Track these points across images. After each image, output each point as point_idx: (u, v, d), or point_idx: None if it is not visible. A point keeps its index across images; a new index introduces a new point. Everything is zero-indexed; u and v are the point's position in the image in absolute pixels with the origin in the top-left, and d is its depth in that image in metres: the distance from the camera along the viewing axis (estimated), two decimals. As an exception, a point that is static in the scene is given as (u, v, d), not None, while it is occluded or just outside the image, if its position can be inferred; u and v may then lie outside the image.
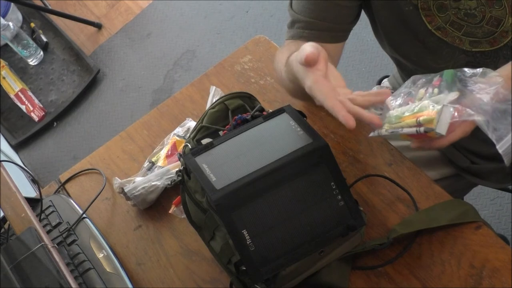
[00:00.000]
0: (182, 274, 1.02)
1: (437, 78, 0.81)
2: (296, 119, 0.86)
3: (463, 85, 0.78)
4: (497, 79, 0.77)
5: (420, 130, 0.77)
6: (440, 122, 0.75)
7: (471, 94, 0.76)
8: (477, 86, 0.77)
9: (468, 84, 0.78)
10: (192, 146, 0.93)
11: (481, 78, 0.78)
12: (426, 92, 0.81)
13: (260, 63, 1.23)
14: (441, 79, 0.80)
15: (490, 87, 0.76)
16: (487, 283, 0.83)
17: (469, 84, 0.78)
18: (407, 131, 0.78)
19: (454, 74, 0.80)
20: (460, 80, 0.79)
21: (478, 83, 0.77)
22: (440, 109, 0.76)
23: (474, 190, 1.34)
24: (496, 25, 0.93)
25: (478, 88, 0.77)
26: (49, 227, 1.11)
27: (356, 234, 0.87)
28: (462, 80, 0.79)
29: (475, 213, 0.90)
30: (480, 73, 0.78)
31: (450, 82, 0.79)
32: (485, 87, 0.76)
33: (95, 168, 1.22)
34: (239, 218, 0.79)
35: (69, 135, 2.66)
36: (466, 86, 0.78)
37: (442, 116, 0.76)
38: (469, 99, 0.76)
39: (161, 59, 2.72)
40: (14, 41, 2.77)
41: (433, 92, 0.80)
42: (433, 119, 0.75)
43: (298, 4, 1.03)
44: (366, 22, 1.08)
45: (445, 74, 0.80)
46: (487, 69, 0.78)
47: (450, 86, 0.79)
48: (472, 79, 0.78)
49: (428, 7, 0.94)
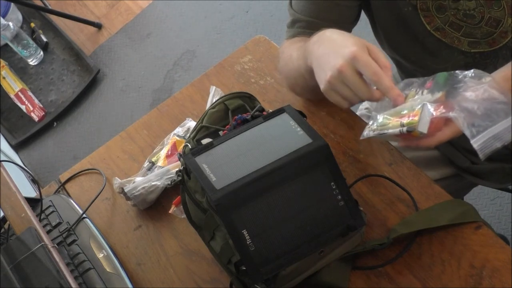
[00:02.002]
0: (182, 274, 1.02)
1: (429, 80, 0.81)
2: (296, 119, 0.86)
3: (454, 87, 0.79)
4: (485, 79, 0.77)
5: (403, 130, 0.78)
6: (420, 121, 0.77)
7: (458, 93, 0.77)
8: (465, 86, 0.78)
9: (458, 85, 0.78)
10: (192, 146, 0.93)
11: (471, 79, 0.78)
12: (417, 93, 0.82)
13: (260, 63, 1.23)
14: (432, 82, 0.81)
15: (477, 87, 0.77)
16: (487, 283, 0.83)
17: (459, 85, 0.78)
18: (392, 132, 0.80)
19: (446, 77, 0.80)
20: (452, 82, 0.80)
21: (467, 83, 0.78)
22: (420, 108, 0.77)
23: (474, 190, 1.34)
24: (495, 25, 0.93)
25: (466, 88, 0.77)
26: (49, 227, 1.11)
27: (356, 234, 0.87)
28: (455, 82, 0.79)
29: (475, 213, 0.90)
30: (471, 74, 0.79)
31: (441, 84, 0.80)
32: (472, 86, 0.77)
33: (95, 168, 1.22)
34: (239, 218, 0.79)
35: (69, 135, 2.66)
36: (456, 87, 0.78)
37: (422, 114, 0.77)
38: (454, 99, 0.77)
39: (161, 59, 2.72)
40: (14, 41, 2.77)
41: (423, 94, 0.81)
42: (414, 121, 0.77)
43: (298, 4, 1.03)
44: (366, 22, 1.08)
45: (438, 76, 0.81)
46: (477, 70, 0.79)
47: (441, 87, 0.80)
48: (464, 80, 0.79)
49: (427, 7, 0.94)
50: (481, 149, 0.75)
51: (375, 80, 0.80)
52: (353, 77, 0.81)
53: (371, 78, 0.81)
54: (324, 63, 0.85)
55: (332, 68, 0.82)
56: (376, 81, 0.80)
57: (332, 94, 0.85)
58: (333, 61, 0.83)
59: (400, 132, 0.79)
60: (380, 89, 0.81)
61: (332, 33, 0.89)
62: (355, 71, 0.81)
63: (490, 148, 0.75)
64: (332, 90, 0.85)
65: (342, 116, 1.08)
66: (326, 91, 0.85)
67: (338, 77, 0.82)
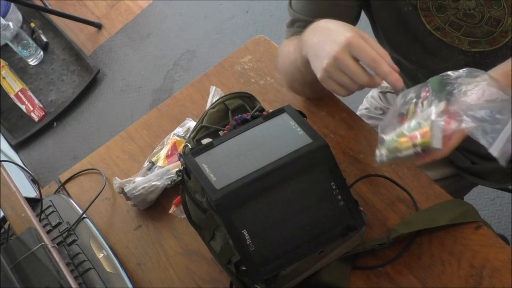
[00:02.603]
0: (182, 274, 1.02)
1: (424, 88, 0.80)
2: (296, 119, 0.86)
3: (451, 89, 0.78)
4: (482, 77, 0.77)
5: (418, 150, 0.77)
6: (433, 138, 0.76)
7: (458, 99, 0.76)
8: (463, 88, 0.77)
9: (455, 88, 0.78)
10: (192, 146, 0.93)
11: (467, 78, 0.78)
12: (417, 107, 0.80)
13: (260, 63, 1.23)
14: (427, 89, 0.80)
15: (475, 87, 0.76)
16: (487, 283, 0.83)
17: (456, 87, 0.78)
18: (407, 153, 0.78)
19: (440, 81, 0.80)
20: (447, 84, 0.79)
21: (464, 85, 0.77)
22: (430, 125, 0.76)
23: (474, 190, 1.34)
24: (495, 25, 0.93)
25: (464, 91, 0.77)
26: (49, 227, 1.11)
27: (356, 234, 0.87)
28: (449, 84, 0.79)
29: (475, 213, 0.90)
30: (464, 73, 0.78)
31: (437, 90, 0.79)
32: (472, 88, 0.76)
33: (95, 168, 1.22)
34: (239, 218, 0.79)
35: (69, 135, 2.66)
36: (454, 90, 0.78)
37: (434, 131, 0.76)
38: (457, 106, 0.76)
39: (161, 59, 2.72)
40: (14, 41, 2.77)
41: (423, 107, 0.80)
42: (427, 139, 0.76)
43: (298, 4, 1.03)
44: (366, 22, 1.08)
45: (431, 82, 0.80)
46: (471, 69, 0.78)
47: (439, 94, 0.79)
48: (458, 81, 0.78)
49: (427, 7, 0.94)
50: (501, 156, 0.73)
51: (373, 65, 0.79)
52: (349, 63, 0.80)
53: (368, 63, 0.80)
54: (320, 51, 0.84)
55: (328, 55, 0.81)
56: (374, 66, 0.79)
57: (329, 82, 0.84)
58: (328, 48, 0.82)
59: (415, 153, 0.78)
60: (379, 74, 0.80)
61: (327, 22, 0.88)
62: (351, 57, 0.80)
63: (508, 152, 0.73)
64: (329, 78, 0.84)
65: (342, 116, 1.08)
66: (323, 79, 0.84)
67: (334, 64, 0.81)
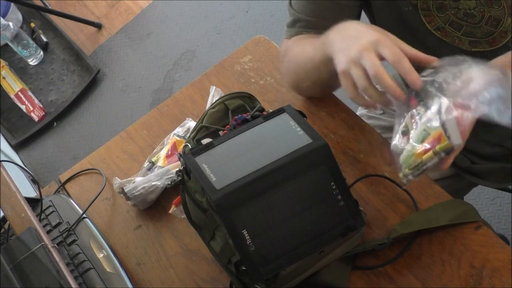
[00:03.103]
0: (182, 274, 1.02)
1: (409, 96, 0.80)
2: (296, 119, 0.86)
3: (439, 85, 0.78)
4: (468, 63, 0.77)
5: (441, 155, 0.77)
6: (451, 136, 0.75)
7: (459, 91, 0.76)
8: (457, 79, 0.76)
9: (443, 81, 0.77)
10: (192, 146, 0.93)
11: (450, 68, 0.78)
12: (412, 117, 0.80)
13: (260, 63, 1.23)
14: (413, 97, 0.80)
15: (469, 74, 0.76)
16: (487, 283, 0.83)
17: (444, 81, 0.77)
18: (432, 164, 0.78)
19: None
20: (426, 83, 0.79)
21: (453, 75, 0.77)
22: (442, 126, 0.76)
23: (474, 190, 1.34)
24: (495, 25, 0.93)
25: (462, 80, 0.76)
26: (49, 227, 1.11)
27: (356, 234, 0.87)
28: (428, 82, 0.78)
29: (475, 213, 0.90)
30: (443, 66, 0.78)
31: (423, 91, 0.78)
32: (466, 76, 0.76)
33: (95, 168, 1.22)
34: (239, 218, 0.79)
35: (69, 135, 2.66)
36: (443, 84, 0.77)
37: (449, 130, 0.75)
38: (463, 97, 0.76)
39: (161, 59, 2.72)
40: (14, 41, 2.77)
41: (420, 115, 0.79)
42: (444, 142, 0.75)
43: (299, 4, 1.03)
44: (366, 22, 1.08)
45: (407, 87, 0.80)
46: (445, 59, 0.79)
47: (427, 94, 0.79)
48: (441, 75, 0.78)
49: (427, 7, 0.94)
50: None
51: (396, 61, 0.80)
52: (373, 59, 0.80)
53: (392, 58, 0.80)
54: (347, 45, 0.85)
55: (355, 49, 0.82)
56: (397, 62, 0.80)
57: (346, 78, 0.84)
58: (356, 42, 0.83)
59: (439, 159, 0.77)
60: (400, 71, 0.80)
61: (356, 23, 0.90)
62: (376, 54, 0.81)
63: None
64: (348, 74, 0.83)
65: (342, 116, 1.08)
66: (343, 72, 0.84)
67: (359, 58, 0.81)
